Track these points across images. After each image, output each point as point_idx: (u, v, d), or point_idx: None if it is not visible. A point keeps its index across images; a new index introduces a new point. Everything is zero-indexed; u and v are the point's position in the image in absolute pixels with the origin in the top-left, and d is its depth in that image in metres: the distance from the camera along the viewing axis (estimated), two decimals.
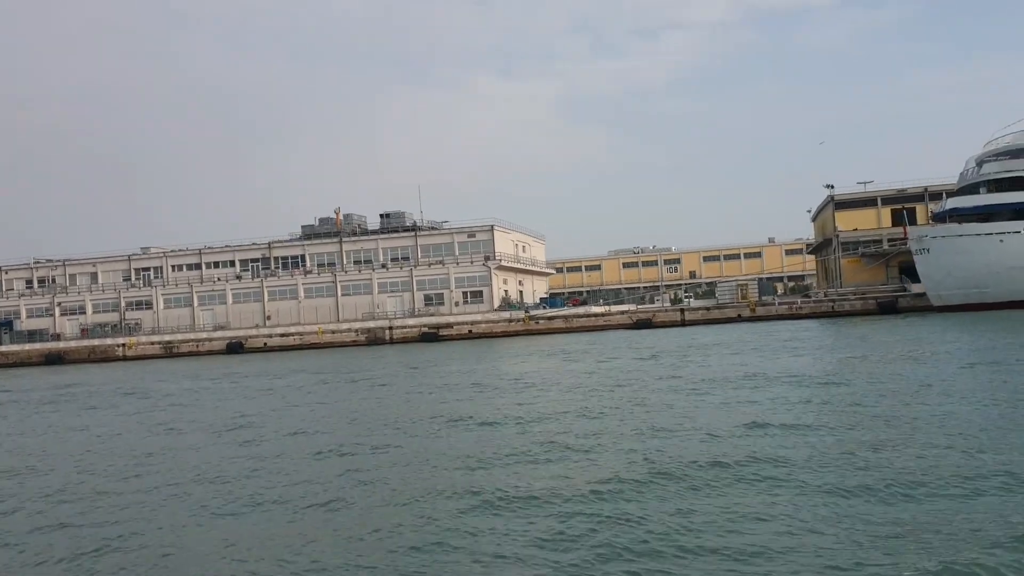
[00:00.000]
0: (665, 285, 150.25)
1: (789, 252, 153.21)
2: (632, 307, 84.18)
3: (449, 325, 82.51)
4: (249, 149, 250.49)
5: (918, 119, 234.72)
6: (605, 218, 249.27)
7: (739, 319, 71.44)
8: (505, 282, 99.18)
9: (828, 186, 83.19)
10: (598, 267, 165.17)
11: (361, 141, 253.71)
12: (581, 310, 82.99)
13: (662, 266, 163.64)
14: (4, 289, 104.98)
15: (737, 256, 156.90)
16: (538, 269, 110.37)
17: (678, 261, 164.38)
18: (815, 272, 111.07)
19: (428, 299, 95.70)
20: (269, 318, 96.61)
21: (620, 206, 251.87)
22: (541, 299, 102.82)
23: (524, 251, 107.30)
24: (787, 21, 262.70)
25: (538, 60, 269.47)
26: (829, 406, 20.08)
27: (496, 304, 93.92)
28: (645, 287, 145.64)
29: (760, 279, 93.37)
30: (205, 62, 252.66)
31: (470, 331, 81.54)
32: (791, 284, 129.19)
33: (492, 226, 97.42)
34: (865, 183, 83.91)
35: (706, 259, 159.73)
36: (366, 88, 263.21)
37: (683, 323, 73.71)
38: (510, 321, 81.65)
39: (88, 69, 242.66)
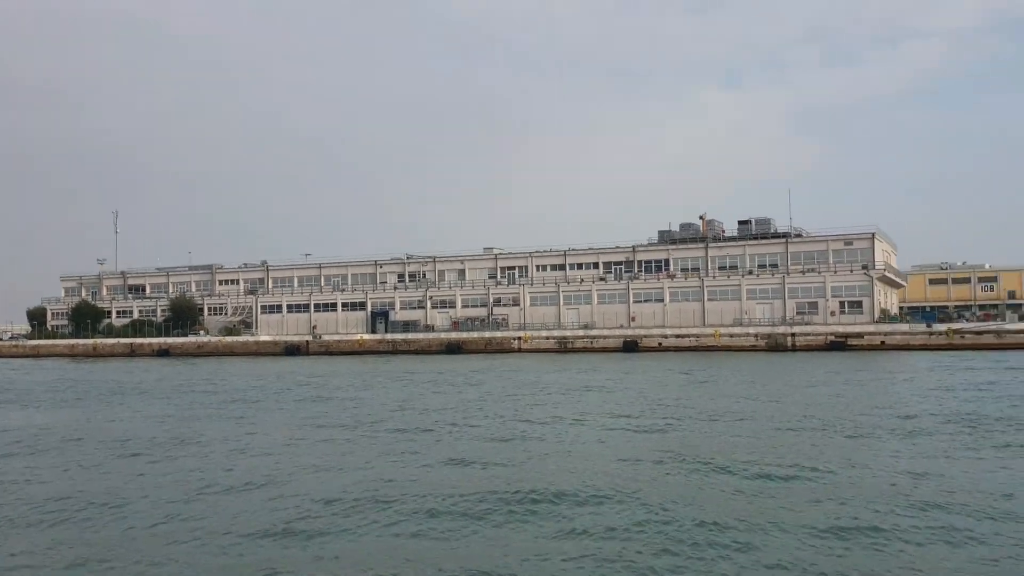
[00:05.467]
0: (978, 305, 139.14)
1: None
2: None
3: (859, 335, 79.36)
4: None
5: None
6: None
7: None
8: (881, 293, 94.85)
9: None
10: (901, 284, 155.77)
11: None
12: (1012, 326, 77.40)
13: (975, 284, 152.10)
14: (379, 282, 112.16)
15: None
16: (898, 280, 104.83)
17: (994, 279, 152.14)
18: None
19: (800, 308, 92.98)
20: (634, 319, 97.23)
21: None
22: (923, 313, 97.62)
23: (888, 259, 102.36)
24: None
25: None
26: None
27: (876, 316, 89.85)
28: (955, 306, 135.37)
29: None
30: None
31: (882, 342, 78.05)
32: None
33: (872, 233, 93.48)
34: None
35: None
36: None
37: None
38: (930, 334, 77.38)
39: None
